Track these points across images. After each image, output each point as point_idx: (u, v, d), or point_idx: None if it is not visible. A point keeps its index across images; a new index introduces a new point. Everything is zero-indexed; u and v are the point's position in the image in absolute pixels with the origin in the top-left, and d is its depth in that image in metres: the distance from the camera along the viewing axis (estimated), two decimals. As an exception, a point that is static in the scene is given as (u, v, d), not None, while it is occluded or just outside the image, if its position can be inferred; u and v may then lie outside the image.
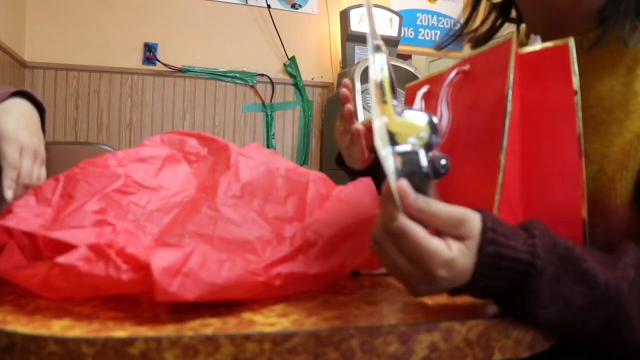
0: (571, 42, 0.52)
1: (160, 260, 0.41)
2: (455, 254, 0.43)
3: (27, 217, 0.50)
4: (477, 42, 0.77)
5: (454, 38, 0.80)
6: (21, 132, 0.73)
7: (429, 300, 0.50)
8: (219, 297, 0.44)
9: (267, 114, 2.99)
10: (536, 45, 0.55)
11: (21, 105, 0.79)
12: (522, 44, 0.61)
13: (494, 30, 0.77)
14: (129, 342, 0.38)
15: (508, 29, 0.77)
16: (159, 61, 2.81)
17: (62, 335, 0.38)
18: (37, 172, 0.76)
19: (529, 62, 0.54)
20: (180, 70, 2.84)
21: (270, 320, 0.42)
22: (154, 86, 2.85)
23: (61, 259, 0.42)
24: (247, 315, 0.44)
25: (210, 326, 0.41)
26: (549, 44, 0.54)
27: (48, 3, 2.67)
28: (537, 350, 0.47)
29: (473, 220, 0.44)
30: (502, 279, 0.44)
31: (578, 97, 0.51)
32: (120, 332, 0.39)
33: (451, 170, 0.48)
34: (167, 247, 0.47)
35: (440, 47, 0.81)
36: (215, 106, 2.95)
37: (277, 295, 0.49)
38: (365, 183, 0.66)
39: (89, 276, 0.42)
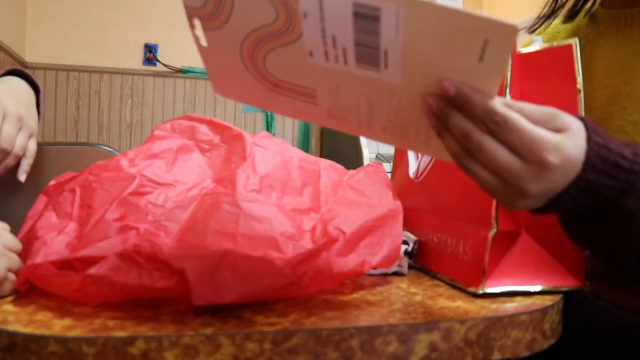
0: (575, 41, 0.52)
1: (194, 266, 0.42)
2: (560, 138, 0.41)
3: (52, 239, 0.50)
4: (569, 17, 0.77)
5: (544, 19, 0.78)
6: (7, 100, 0.72)
7: (428, 300, 0.50)
8: (251, 298, 0.45)
9: (267, 115, 2.99)
10: (537, 45, 0.56)
11: (14, 81, 0.79)
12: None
13: (579, 4, 0.76)
14: (129, 341, 0.38)
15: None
16: (159, 62, 2.81)
17: (63, 335, 0.38)
18: (21, 141, 0.74)
19: (530, 62, 0.54)
20: (180, 70, 2.84)
21: (270, 320, 0.43)
22: (154, 87, 2.85)
23: (92, 271, 0.42)
24: (247, 315, 0.44)
25: (210, 326, 0.41)
26: (552, 44, 0.54)
27: (49, 4, 2.67)
28: (536, 350, 0.47)
29: (564, 114, 0.43)
30: (609, 175, 0.43)
31: (581, 96, 0.51)
32: (121, 332, 0.39)
33: (449, 167, 0.48)
34: (196, 249, 0.47)
35: (531, 30, 0.79)
36: (216, 106, 2.95)
37: (302, 294, 0.49)
38: (375, 168, 0.67)
39: (122, 285, 0.43)
